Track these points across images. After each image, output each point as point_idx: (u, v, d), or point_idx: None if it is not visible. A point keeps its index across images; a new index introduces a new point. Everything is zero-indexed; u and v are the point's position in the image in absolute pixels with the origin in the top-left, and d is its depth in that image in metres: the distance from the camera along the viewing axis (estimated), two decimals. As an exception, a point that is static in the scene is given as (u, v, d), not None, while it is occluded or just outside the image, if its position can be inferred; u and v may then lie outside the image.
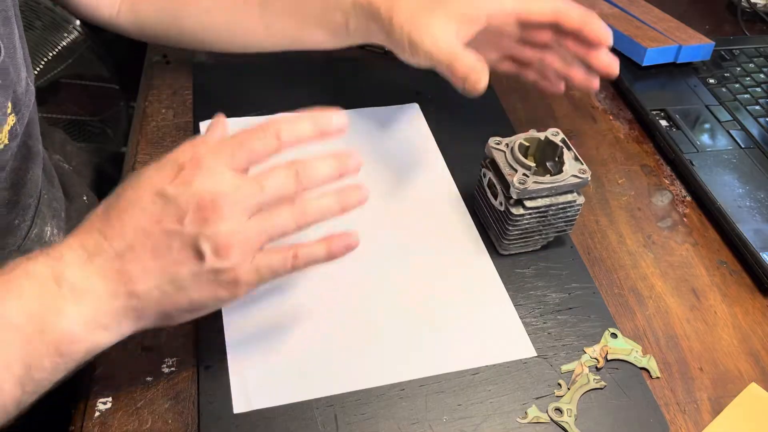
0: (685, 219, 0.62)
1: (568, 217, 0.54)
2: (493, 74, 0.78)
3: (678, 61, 0.78)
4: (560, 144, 0.53)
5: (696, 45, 0.78)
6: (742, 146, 0.68)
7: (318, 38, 0.59)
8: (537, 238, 0.55)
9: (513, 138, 0.54)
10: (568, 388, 0.47)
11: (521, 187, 0.50)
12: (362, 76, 0.76)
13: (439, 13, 0.51)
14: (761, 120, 0.71)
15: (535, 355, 0.49)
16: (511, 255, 0.56)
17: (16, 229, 0.49)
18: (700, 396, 0.48)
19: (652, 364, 0.50)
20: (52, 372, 0.36)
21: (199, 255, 0.37)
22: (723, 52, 0.82)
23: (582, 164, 0.52)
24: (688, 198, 0.64)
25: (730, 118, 0.72)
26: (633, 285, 0.56)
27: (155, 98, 0.70)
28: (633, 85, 0.75)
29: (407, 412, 0.45)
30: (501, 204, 0.53)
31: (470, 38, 0.52)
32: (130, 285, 0.37)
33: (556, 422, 0.45)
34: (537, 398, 0.47)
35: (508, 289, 0.54)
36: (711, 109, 0.73)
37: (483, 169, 0.55)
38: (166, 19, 0.62)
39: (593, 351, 0.50)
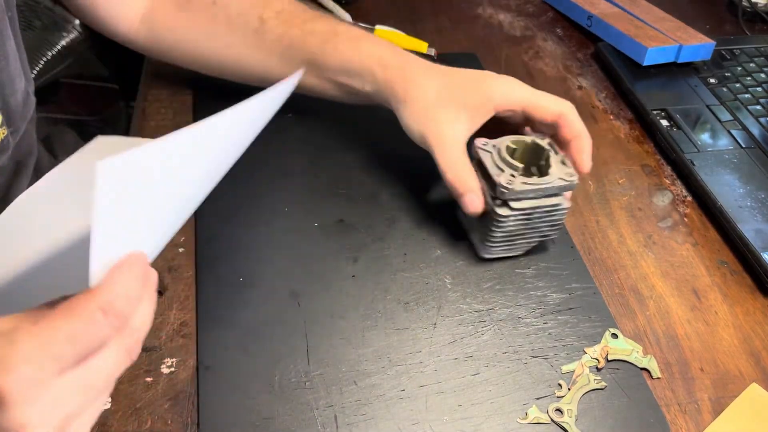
0: (685, 219, 0.62)
1: (553, 221, 0.53)
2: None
3: (679, 61, 0.78)
4: (547, 147, 0.53)
5: (697, 44, 0.78)
6: (743, 146, 0.68)
7: (331, 93, 0.60)
8: (521, 242, 0.54)
9: (500, 140, 0.53)
10: (569, 389, 0.47)
11: (509, 187, 0.49)
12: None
13: (451, 107, 0.53)
14: (762, 120, 0.71)
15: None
16: (510, 257, 0.56)
17: None
18: (700, 396, 0.48)
19: (652, 365, 0.49)
20: None
21: None
22: (724, 52, 0.82)
23: (569, 168, 0.52)
24: (689, 198, 0.64)
25: (730, 117, 0.72)
26: (633, 285, 0.56)
27: (155, 98, 0.70)
28: (633, 85, 0.75)
29: (407, 413, 0.45)
30: (487, 205, 0.52)
31: (479, 127, 0.54)
32: None
33: (556, 423, 0.45)
34: (537, 399, 0.47)
35: (508, 290, 0.54)
36: (712, 109, 0.73)
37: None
38: (185, 48, 0.62)
39: (594, 351, 0.50)
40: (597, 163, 0.67)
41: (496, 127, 0.55)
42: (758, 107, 0.73)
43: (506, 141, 0.53)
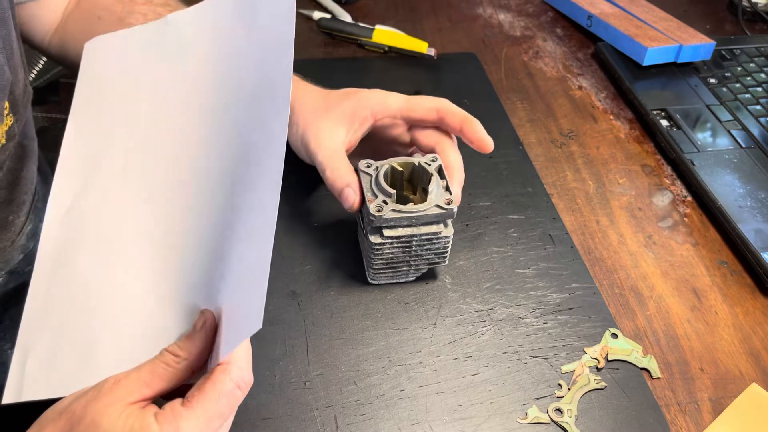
0: (685, 219, 0.62)
1: (437, 249, 0.51)
2: (494, 74, 0.78)
3: (679, 61, 0.78)
4: (431, 171, 0.51)
5: (697, 44, 0.78)
6: (743, 146, 0.68)
7: None
8: (406, 269, 0.52)
9: (385, 161, 0.51)
10: (569, 389, 0.47)
11: (377, 215, 0.47)
12: (361, 75, 0.76)
13: (330, 116, 0.53)
14: (762, 120, 0.71)
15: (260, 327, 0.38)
16: (509, 257, 0.56)
17: (10, 225, 0.49)
18: (700, 396, 0.48)
19: (652, 365, 0.49)
20: None
21: None
22: (724, 52, 0.82)
23: (450, 194, 0.49)
24: (689, 198, 0.64)
25: (730, 117, 0.72)
26: (633, 285, 0.56)
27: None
28: (633, 85, 0.75)
29: (407, 413, 0.45)
30: (364, 231, 0.50)
31: (360, 137, 0.54)
32: None
33: (556, 423, 0.45)
34: (537, 399, 0.47)
35: (508, 290, 0.54)
36: (712, 109, 0.73)
37: None
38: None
39: (594, 351, 0.50)
40: (597, 163, 0.67)
41: (388, 147, 0.56)
42: (758, 107, 0.73)
43: (393, 162, 0.51)
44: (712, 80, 0.77)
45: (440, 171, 0.51)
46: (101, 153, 0.48)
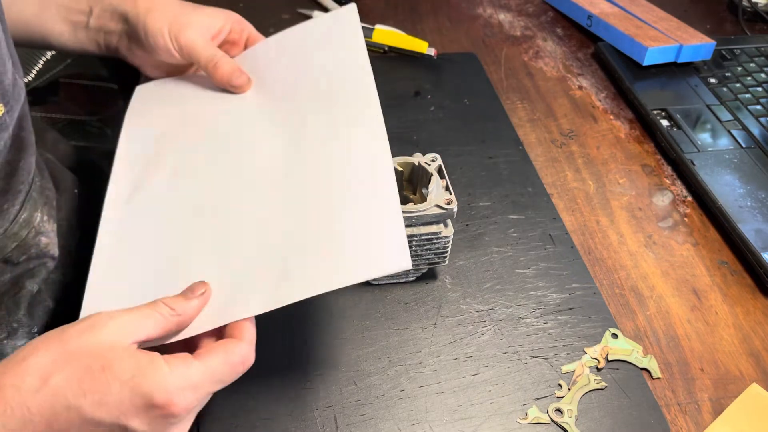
0: (685, 219, 0.62)
1: (437, 249, 0.50)
2: (494, 74, 0.78)
3: (679, 61, 0.78)
4: (431, 171, 0.50)
5: (697, 44, 0.78)
6: (743, 146, 0.68)
7: (57, 29, 0.61)
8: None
9: None
10: (569, 389, 0.47)
11: None
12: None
13: (193, 22, 0.59)
14: (762, 119, 0.71)
15: (411, 267, 0.39)
16: (509, 257, 0.56)
17: (4, 213, 0.49)
18: (700, 396, 0.48)
19: (652, 365, 0.49)
20: None
21: None
22: (724, 52, 0.82)
23: (450, 194, 0.49)
24: (689, 198, 0.64)
25: (731, 117, 0.72)
26: (634, 285, 0.56)
27: (155, 98, 0.70)
28: (634, 85, 0.75)
29: (407, 413, 0.45)
30: None
31: (222, 26, 0.61)
32: None
33: (556, 423, 0.45)
34: (537, 399, 0.47)
35: (508, 290, 0.53)
36: (712, 109, 0.73)
37: None
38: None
39: (594, 351, 0.50)
40: (597, 163, 0.67)
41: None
42: (758, 107, 0.73)
43: (393, 162, 0.50)
44: (713, 80, 0.77)
45: (440, 171, 0.51)
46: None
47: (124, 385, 0.35)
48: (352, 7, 0.58)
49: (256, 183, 0.48)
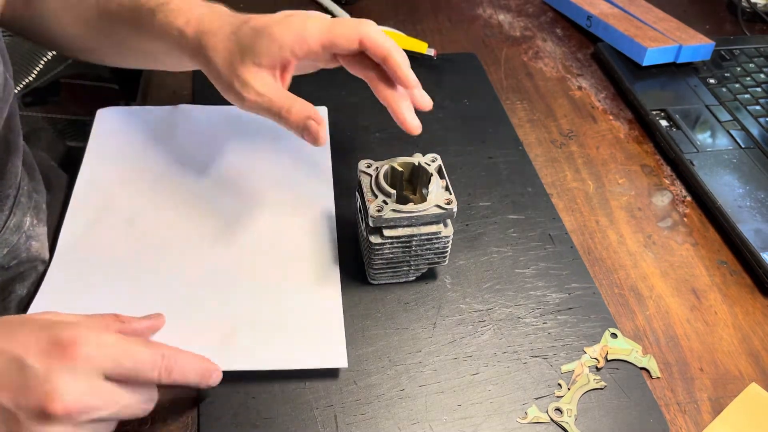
0: (685, 219, 0.62)
1: (437, 249, 0.51)
2: (494, 74, 0.78)
3: (678, 61, 0.78)
4: (431, 171, 0.50)
5: (696, 45, 0.78)
6: (743, 146, 0.68)
7: (159, 49, 0.54)
8: (406, 269, 0.52)
9: (384, 162, 0.51)
10: (568, 389, 0.47)
11: (377, 215, 0.47)
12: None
13: (248, 63, 0.48)
14: (761, 120, 0.71)
15: (346, 366, 0.47)
16: (508, 256, 0.56)
17: None
18: (700, 396, 0.48)
19: (652, 365, 0.49)
20: None
21: None
22: (723, 52, 0.82)
23: (450, 194, 0.49)
24: (689, 198, 0.64)
25: (730, 118, 0.72)
26: (633, 285, 0.56)
27: (155, 98, 0.70)
28: (633, 85, 0.75)
29: (407, 412, 0.45)
30: (364, 231, 0.50)
31: (288, 79, 0.50)
32: None
33: (556, 422, 0.45)
34: (537, 398, 0.47)
35: (508, 290, 0.54)
36: (711, 109, 0.73)
37: (357, 193, 0.52)
38: (40, 26, 0.58)
39: (593, 351, 0.50)
40: (597, 163, 0.67)
41: (310, 65, 0.54)
42: (758, 107, 0.73)
43: (392, 162, 0.51)
44: (712, 80, 0.77)
45: (440, 171, 0.51)
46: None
47: (35, 323, 0.38)
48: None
49: (211, 246, 0.55)
